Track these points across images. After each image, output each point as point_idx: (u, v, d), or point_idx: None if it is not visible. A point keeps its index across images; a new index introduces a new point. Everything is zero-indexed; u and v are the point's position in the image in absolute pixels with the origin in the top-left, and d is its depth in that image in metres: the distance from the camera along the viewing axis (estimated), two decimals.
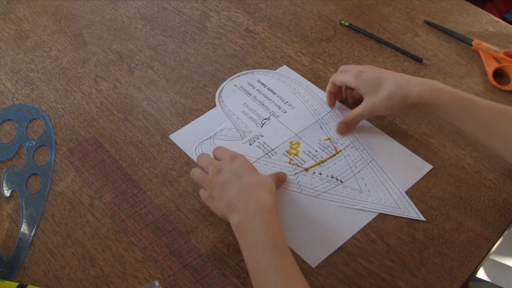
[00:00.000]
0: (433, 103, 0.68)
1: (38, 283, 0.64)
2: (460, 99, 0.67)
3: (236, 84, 0.85)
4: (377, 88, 0.72)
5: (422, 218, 0.67)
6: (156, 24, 0.97)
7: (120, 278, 0.64)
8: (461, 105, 0.67)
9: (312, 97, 0.82)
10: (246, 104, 0.82)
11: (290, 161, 0.73)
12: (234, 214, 0.60)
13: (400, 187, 0.70)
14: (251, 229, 0.58)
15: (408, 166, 0.73)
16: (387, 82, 0.71)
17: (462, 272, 0.62)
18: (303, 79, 0.85)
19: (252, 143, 0.76)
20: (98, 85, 0.87)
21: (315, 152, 0.74)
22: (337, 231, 0.66)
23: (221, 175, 0.63)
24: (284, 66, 0.88)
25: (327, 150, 0.74)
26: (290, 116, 0.80)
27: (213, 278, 0.63)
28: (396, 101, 0.70)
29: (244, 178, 0.62)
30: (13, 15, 1.01)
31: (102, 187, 0.73)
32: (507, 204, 0.68)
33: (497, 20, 0.94)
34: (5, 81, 0.89)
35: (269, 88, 0.84)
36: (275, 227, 0.58)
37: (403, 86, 0.70)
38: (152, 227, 0.68)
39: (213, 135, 0.77)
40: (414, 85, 0.69)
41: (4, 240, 0.69)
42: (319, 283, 0.62)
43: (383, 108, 0.72)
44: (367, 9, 0.97)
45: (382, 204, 0.68)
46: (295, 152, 0.74)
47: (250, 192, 0.60)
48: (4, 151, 0.79)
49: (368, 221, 0.67)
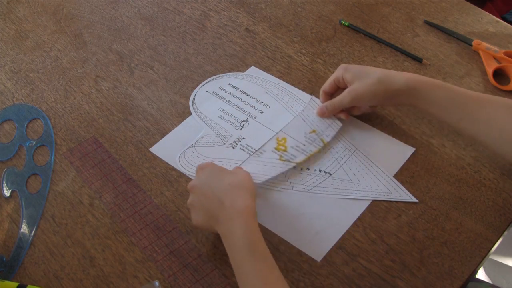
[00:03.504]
0: (418, 90, 0.68)
1: (38, 283, 0.64)
2: (446, 87, 0.68)
3: (208, 90, 0.85)
4: (363, 76, 0.72)
5: (414, 200, 0.68)
6: (156, 24, 0.97)
7: (120, 278, 0.64)
8: (446, 93, 0.67)
9: (286, 94, 0.83)
10: (222, 109, 0.81)
11: (281, 158, 0.73)
12: (218, 225, 0.60)
13: (388, 172, 0.71)
14: (230, 233, 0.58)
15: (391, 151, 0.74)
16: (374, 71, 0.72)
17: (462, 272, 0.62)
18: (273, 78, 0.86)
19: (234, 146, 0.76)
20: (98, 85, 0.87)
21: (303, 146, 0.74)
22: (335, 223, 0.67)
23: (194, 190, 0.64)
24: (252, 67, 0.88)
25: (314, 143, 0.75)
26: (267, 115, 0.80)
27: (213, 278, 0.63)
28: (381, 87, 0.70)
29: (214, 185, 0.62)
30: (13, 15, 1.01)
31: (102, 187, 0.73)
32: (507, 204, 0.68)
33: (497, 20, 0.94)
34: (5, 81, 0.89)
35: (242, 90, 0.84)
36: (254, 231, 0.58)
37: (390, 74, 0.71)
38: (152, 227, 0.68)
39: (194, 143, 0.77)
40: (400, 74, 0.70)
41: (4, 240, 0.69)
42: (319, 283, 0.62)
43: (367, 94, 0.71)
44: (367, 9, 0.97)
45: (374, 190, 0.70)
46: (284, 148, 0.74)
47: (224, 198, 0.60)
48: (4, 151, 0.79)
49: (363, 209, 0.68)
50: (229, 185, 0.62)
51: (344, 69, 0.74)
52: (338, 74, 0.75)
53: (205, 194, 0.62)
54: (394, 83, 0.70)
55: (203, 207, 0.62)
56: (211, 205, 0.61)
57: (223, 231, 0.60)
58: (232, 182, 0.62)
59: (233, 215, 0.58)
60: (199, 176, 0.65)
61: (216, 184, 0.62)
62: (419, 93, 0.68)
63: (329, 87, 0.77)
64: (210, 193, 0.61)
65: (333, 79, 0.76)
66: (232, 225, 0.58)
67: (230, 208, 0.59)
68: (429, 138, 0.76)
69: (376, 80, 0.70)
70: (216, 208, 0.60)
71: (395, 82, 0.70)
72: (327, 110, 0.76)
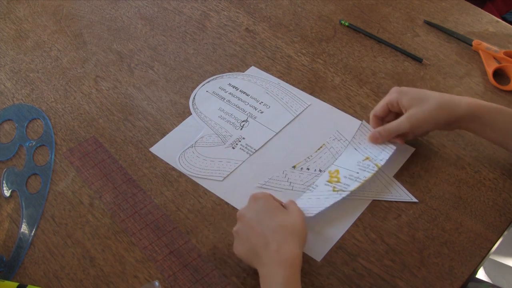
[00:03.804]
0: (480, 116, 0.66)
1: (38, 283, 0.64)
2: (508, 113, 0.66)
3: (208, 90, 0.85)
4: (422, 100, 0.68)
5: (415, 200, 0.68)
6: (156, 24, 0.97)
7: (120, 278, 0.64)
8: (509, 119, 0.66)
9: (286, 94, 0.83)
10: (222, 109, 0.81)
11: (334, 189, 0.69)
12: (259, 265, 0.58)
13: (388, 172, 0.71)
14: (270, 278, 0.56)
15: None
16: (432, 96, 0.68)
17: (462, 272, 0.62)
18: (273, 78, 0.85)
19: (234, 146, 0.76)
20: (98, 85, 0.87)
21: (356, 174, 0.70)
22: (335, 223, 0.67)
23: (242, 221, 0.61)
24: (252, 67, 0.88)
25: (368, 169, 0.70)
26: (268, 115, 0.80)
27: (213, 278, 0.63)
28: (443, 113, 0.67)
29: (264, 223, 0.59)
30: (13, 15, 1.01)
31: (102, 187, 0.73)
32: (507, 204, 0.68)
33: (497, 20, 0.94)
34: (5, 81, 0.89)
35: (242, 90, 0.84)
36: (295, 283, 0.56)
37: (451, 100, 0.68)
38: (152, 227, 0.68)
39: (194, 143, 0.77)
40: (460, 98, 0.68)
41: (4, 240, 0.69)
42: (319, 283, 0.62)
43: (427, 121, 0.68)
44: (367, 9, 0.97)
45: (374, 190, 0.69)
46: (337, 180, 0.71)
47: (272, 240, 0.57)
48: (4, 151, 0.79)
49: (363, 209, 0.68)
50: (279, 226, 0.59)
51: (399, 92, 0.70)
52: (392, 97, 0.70)
53: (253, 228, 0.59)
54: (456, 109, 0.67)
55: (248, 241, 0.59)
56: (257, 242, 0.58)
57: (263, 272, 0.57)
58: (283, 223, 0.59)
59: (278, 260, 0.56)
60: (251, 206, 0.62)
61: (266, 221, 0.59)
62: (481, 119, 0.66)
63: (381, 111, 0.72)
64: (259, 230, 0.59)
65: (385, 103, 0.71)
66: (274, 271, 0.56)
67: (275, 253, 0.56)
68: (429, 138, 0.76)
69: (437, 105, 0.67)
70: (261, 246, 0.57)
71: (457, 108, 0.67)
72: (380, 136, 0.72)
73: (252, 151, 0.75)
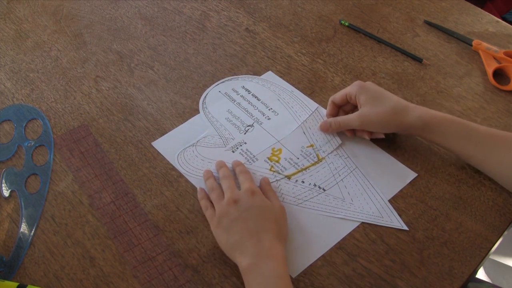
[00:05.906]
0: (431, 125, 0.68)
1: (38, 283, 0.64)
2: (460, 123, 0.68)
3: (221, 90, 0.84)
4: (378, 102, 0.70)
5: (405, 227, 0.66)
6: (156, 24, 0.97)
7: (120, 278, 0.64)
8: (459, 128, 0.67)
9: (297, 103, 0.82)
10: (230, 111, 0.81)
11: (271, 168, 0.72)
12: (243, 257, 0.59)
13: (384, 195, 0.69)
14: (261, 274, 0.57)
15: (392, 174, 0.72)
16: (389, 100, 0.70)
17: (462, 272, 0.62)
18: (287, 85, 0.84)
19: (235, 150, 0.76)
20: (98, 85, 0.87)
21: (296, 159, 0.73)
22: (318, 241, 0.65)
23: (237, 208, 0.62)
24: (269, 72, 0.87)
25: (309, 158, 0.73)
26: (274, 123, 0.79)
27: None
28: (394, 118, 0.69)
29: (258, 221, 0.61)
30: (13, 15, 1.01)
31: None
32: (507, 204, 0.68)
33: (497, 20, 0.94)
34: (5, 81, 0.89)
35: (254, 94, 0.83)
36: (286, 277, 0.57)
37: (404, 106, 0.69)
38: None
39: (196, 142, 0.77)
40: (414, 107, 0.69)
41: (4, 240, 0.69)
42: (319, 283, 0.62)
43: (378, 122, 0.70)
44: (367, 9, 0.97)
45: (365, 213, 0.68)
46: (276, 159, 0.73)
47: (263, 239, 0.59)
48: (3, 151, 0.79)
49: (350, 231, 0.66)
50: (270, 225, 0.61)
51: (360, 87, 0.72)
52: (351, 90, 0.72)
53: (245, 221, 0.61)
54: (407, 117, 0.68)
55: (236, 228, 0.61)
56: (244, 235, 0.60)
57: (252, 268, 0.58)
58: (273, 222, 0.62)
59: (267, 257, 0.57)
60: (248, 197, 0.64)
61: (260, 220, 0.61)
62: (432, 128, 0.68)
63: (339, 100, 0.75)
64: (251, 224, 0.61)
65: (345, 93, 0.73)
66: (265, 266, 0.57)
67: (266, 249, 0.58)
68: None
69: (390, 110, 0.69)
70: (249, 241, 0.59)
71: (408, 116, 0.68)
72: (330, 127, 0.74)
73: (251, 157, 0.75)
